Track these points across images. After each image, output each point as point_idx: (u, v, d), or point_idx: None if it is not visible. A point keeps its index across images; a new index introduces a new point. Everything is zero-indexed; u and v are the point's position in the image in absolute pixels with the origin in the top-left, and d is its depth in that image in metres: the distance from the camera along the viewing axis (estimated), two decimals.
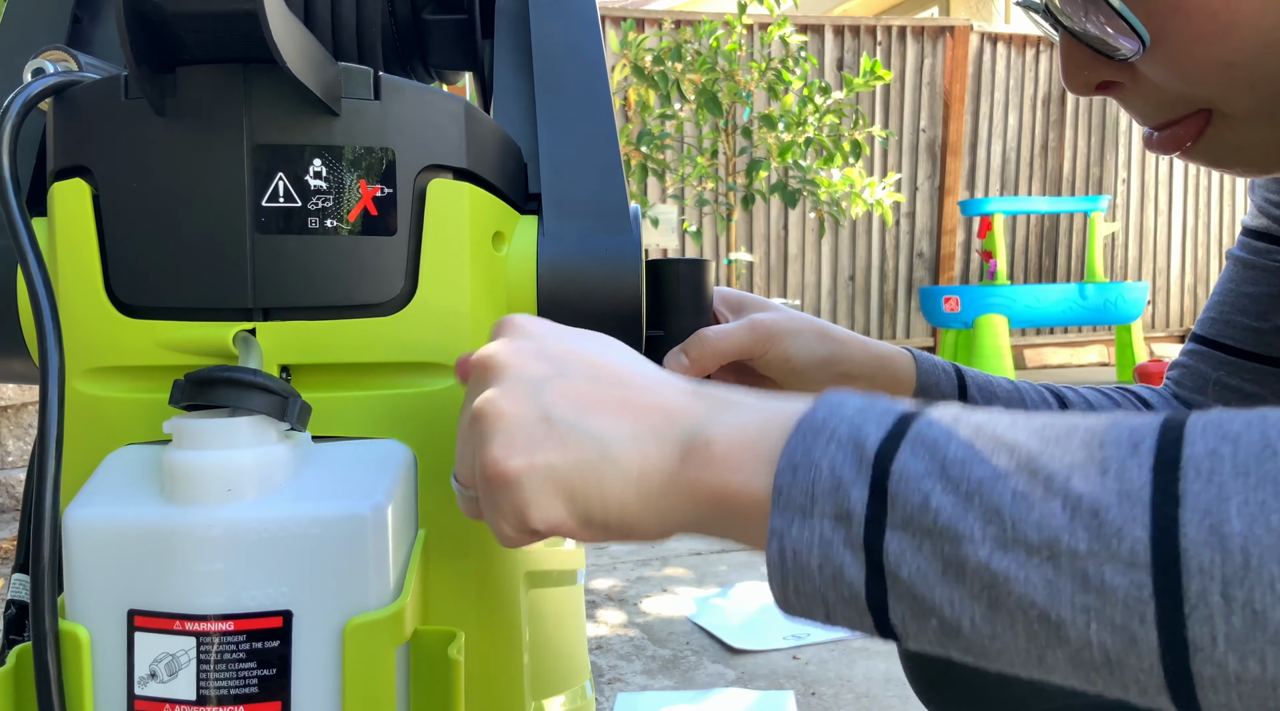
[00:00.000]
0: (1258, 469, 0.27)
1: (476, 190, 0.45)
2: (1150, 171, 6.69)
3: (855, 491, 0.32)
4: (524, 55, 0.54)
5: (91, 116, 0.43)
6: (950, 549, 0.30)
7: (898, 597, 0.31)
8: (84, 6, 0.54)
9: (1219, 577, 0.27)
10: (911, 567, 0.31)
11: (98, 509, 0.38)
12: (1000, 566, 0.29)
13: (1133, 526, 0.28)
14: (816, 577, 0.33)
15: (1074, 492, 0.29)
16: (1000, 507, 0.30)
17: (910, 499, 0.31)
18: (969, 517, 0.30)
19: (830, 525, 0.32)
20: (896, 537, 0.31)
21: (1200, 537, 0.27)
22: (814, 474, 0.33)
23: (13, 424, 2.93)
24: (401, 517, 0.41)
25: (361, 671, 0.38)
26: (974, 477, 0.30)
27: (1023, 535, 0.29)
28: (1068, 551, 0.29)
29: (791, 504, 0.33)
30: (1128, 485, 0.29)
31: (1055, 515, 0.29)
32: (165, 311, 0.42)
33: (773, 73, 4.30)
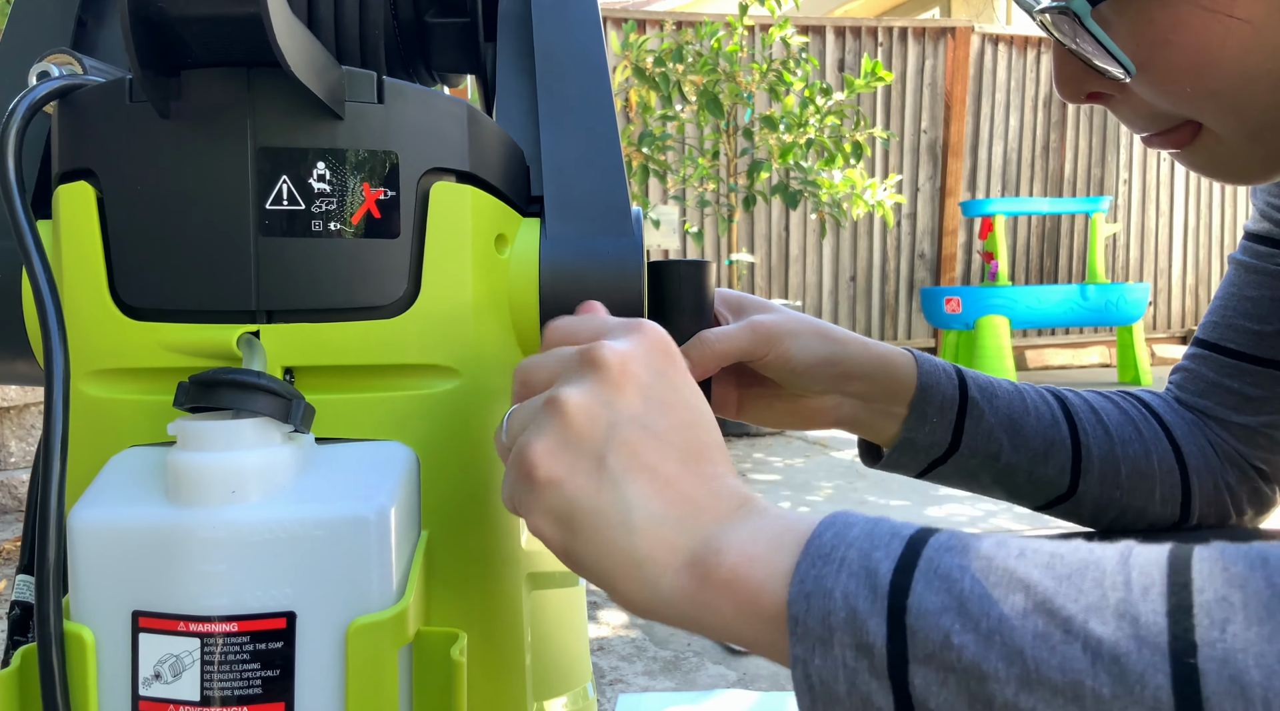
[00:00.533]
0: (1269, 618, 0.28)
1: (479, 193, 0.46)
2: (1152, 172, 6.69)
3: (873, 624, 0.32)
4: (526, 58, 0.54)
5: (96, 119, 0.43)
6: (976, 686, 0.31)
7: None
8: (89, 10, 0.55)
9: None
10: (939, 700, 0.31)
11: (102, 510, 0.39)
12: (1027, 705, 0.30)
13: (1154, 675, 0.29)
14: (846, 702, 0.33)
15: (1093, 637, 0.30)
16: (1022, 649, 0.30)
17: (931, 636, 0.32)
18: (991, 656, 0.31)
19: (853, 655, 0.33)
20: (921, 671, 0.32)
21: (1221, 688, 0.28)
22: (828, 604, 0.33)
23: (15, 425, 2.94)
24: (404, 519, 0.41)
25: (365, 672, 0.38)
26: (993, 616, 0.31)
27: (1046, 677, 0.30)
28: (1092, 695, 0.29)
29: (810, 633, 0.33)
30: (1144, 631, 0.29)
31: (1077, 658, 0.30)
32: (169, 314, 0.42)
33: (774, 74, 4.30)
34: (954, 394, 0.65)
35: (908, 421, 0.64)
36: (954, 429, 0.65)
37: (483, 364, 0.46)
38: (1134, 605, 0.30)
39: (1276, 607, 0.28)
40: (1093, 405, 0.70)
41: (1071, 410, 0.68)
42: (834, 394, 0.64)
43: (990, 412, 0.66)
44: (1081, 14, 0.43)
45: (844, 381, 0.63)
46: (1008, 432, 0.66)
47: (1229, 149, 0.49)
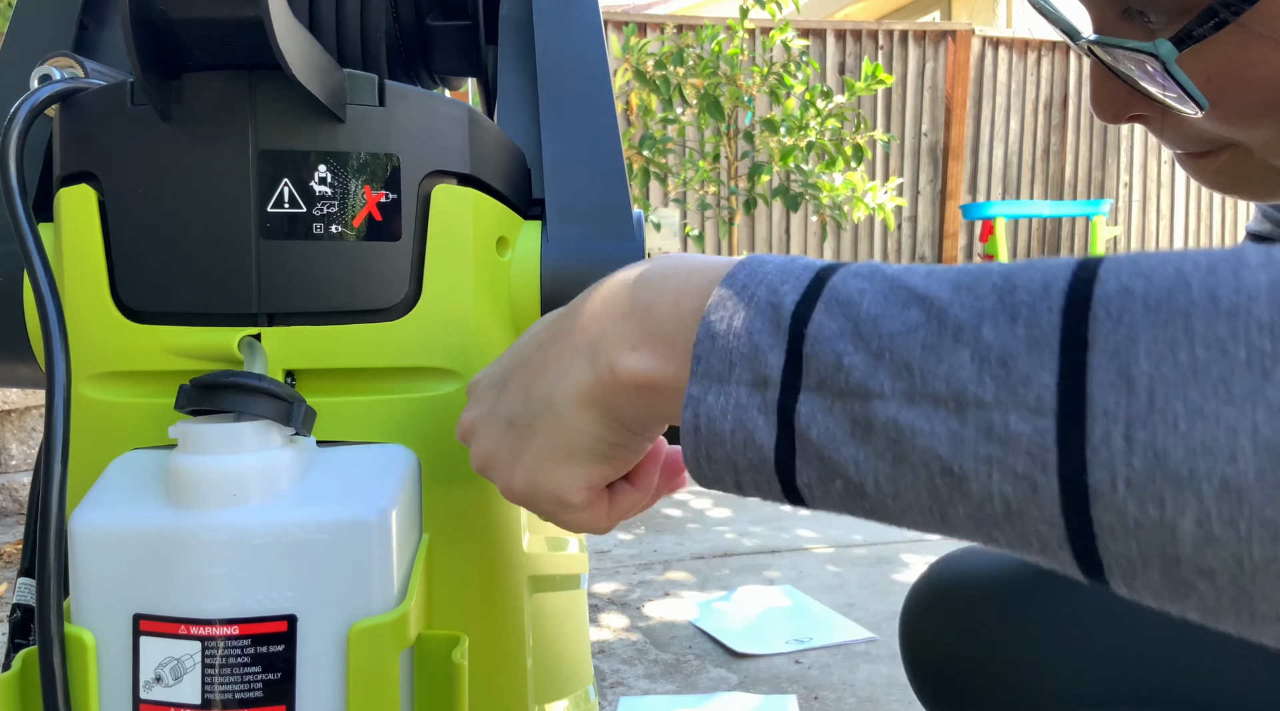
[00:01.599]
0: (1168, 303, 0.26)
1: (480, 196, 0.46)
2: (1152, 175, 6.69)
3: (772, 356, 0.32)
4: (528, 61, 0.54)
5: (98, 123, 0.43)
6: (860, 407, 0.30)
7: (805, 460, 0.31)
8: (90, 13, 0.55)
9: (1123, 419, 0.26)
10: (820, 428, 0.31)
11: (104, 513, 0.39)
12: (907, 421, 0.29)
13: (1040, 373, 0.27)
14: (728, 443, 0.32)
15: (984, 341, 0.28)
16: (910, 362, 0.29)
17: (824, 360, 0.31)
18: (879, 374, 0.30)
19: (746, 391, 0.32)
20: (809, 400, 0.31)
21: (1107, 380, 0.26)
22: (731, 341, 0.33)
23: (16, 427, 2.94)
24: (406, 522, 0.41)
25: (366, 675, 0.38)
26: (885, 333, 0.30)
27: (930, 388, 0.29)
28: (974, 402, 0.28)
29: (710, 372, 0.33)
30: (1037, 331, 0.28)
31: (964, 366, 0.28)
32: (171, 316, 0.42)
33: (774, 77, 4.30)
34: None
35: None
36: None
37: (483, 366, 0.46)
38: (1032, 306, 0.28)
39: (1180, 292, 0.26)
40: None
41: None
42: None
43: None
44: (1167, 59, 0.42)
45: None
46: None
47: (1256, 169, 0.49)
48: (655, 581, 2.07)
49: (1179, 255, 0.27)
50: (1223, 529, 0.25)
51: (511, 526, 0.48)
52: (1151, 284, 0.27)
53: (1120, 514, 0.26)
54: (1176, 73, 0.42)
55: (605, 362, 0.36)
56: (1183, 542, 0.25)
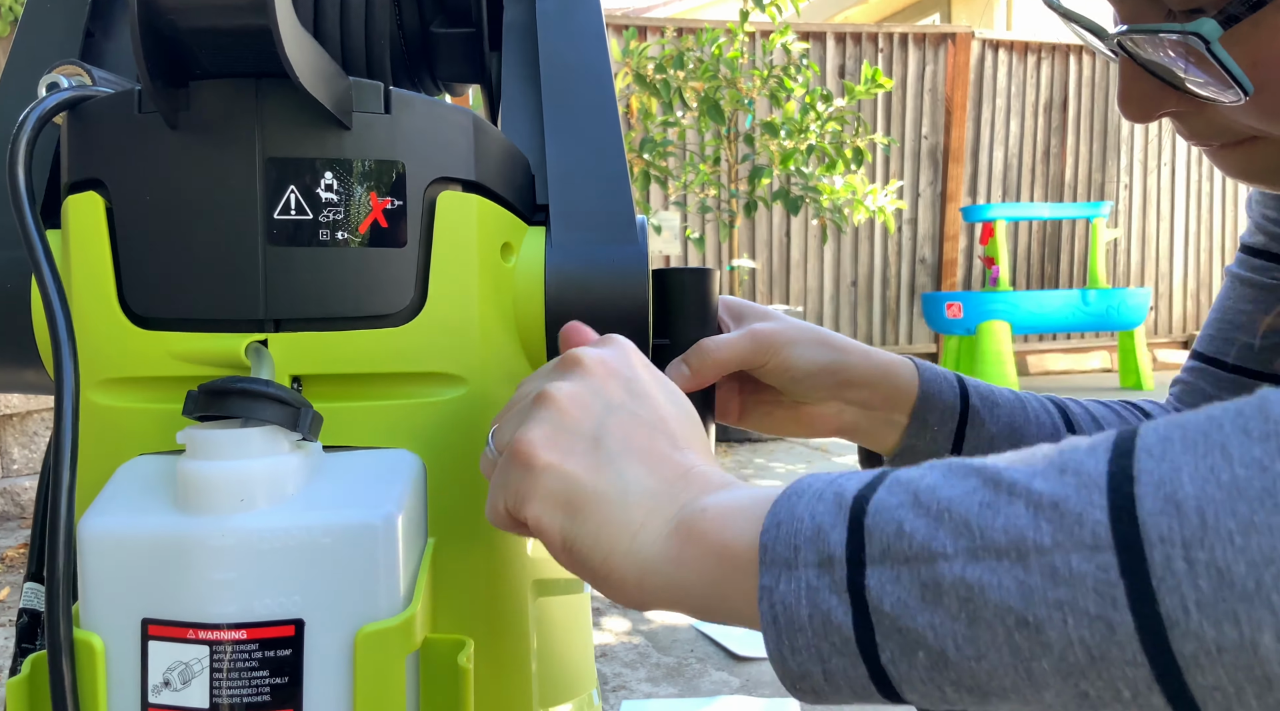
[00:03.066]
0: (1204, 441, 0.28)
1: (485, 202, 0.46)
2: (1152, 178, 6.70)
3: (835, 534, 0.33)
4: (532, 68, 0.54)
5: (105, 130, 0.43)
6: (926, 571, 0.30)
7: (884, 635, 0.31)
8: (96, 20, 0.55)
9: (1179, 542, 0.26)
10: (893, 599, 0.31)
11: (112, 518, 0.39)
12: (974, 576, 0.29)
13: (1092, 510, 0.28)
14: (808, 629, 0.33)
15: (1035, 492, 0.30)
16: (968, 520, 0.30)
17: (885, 529, 0.32)
18: (940, 535, 0.30)
19: (815, 573, 0.33)
20: (876, 572, 0.31)
21: (1156, 508, 0.27)
22: (796, 526, 0.34)
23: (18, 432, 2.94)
24: (412, 527, 0.41)
25: (373, 679, 0.38)
26: (943, 498, 0.31)
27: (991, 541, 0.30)
28: (1034, 547, 0.29)
29: (777, 559, 0.33)
30: (1085, 478, 0.29)
31: (1020, 516, 0.29)
32: (178, 323, 0.42)
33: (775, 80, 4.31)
34: (955, 402, 0.65)
35: (909, 429, 0.65)
36: (955, 437, 0.65)
37: (488, 372, 0.46)
38: (1079, 462, 0.30)
39: (1213, 430, 0.28)
40: (1094, 415, 0.70)
41: (1073, 419, 0.69)
42: (835, 401, 0.64)
43: (991, 421, 0.66)
44: (1211, 38, 0.41)
45: (845, 389, 0.63)
46: (1009, 442, 0.66)
47: None
48: None
49: (1209, 407, 0.30)
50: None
51: None
52: (1187, 429, 0.29)
53: (1200, 639, 0.26)
54: (1220, 53, 0.41)
55: (679, 489, 0.38)
56: (1269, 661, 0.25)
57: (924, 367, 0.66)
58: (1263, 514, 0.26)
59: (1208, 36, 0.41)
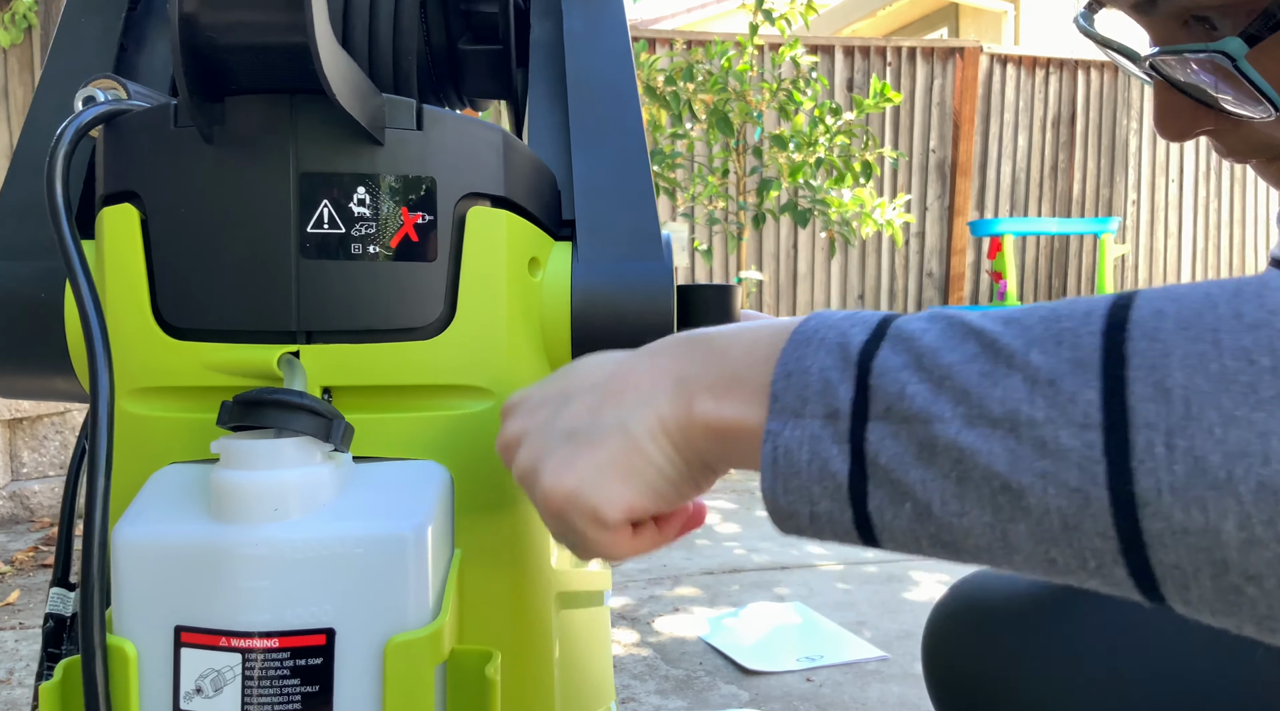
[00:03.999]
0: (1197, 321, 0.28)
1: (514, 217, 0.46)
2: (1160, 194, 6.70)
3: (842, 389, 0.34)
4: (558, 85, 0.55)
5: (141, 143, 0.44)
6: (923, 431, 0.32)
7: (877, 484, 0.33)
8: (130, 34, 0.56)
9: (1163, 429, 0.28)
10: (889, 453, 0.32)
11: (146, 526, 0.39)
12: (967, 442, 0.31)
13: (1085, 390, 0.29)
14: (804, 472, 0.34)
15: (1032, 365, 0.30)
16: (968, 388, 0.31)
17: (888, 389, 0.33)
18: (940, 400, 0.32)
19: (820, 424, 0.34)
20: (877, 427, 0.33)
21: (1146, 394, 0.28)
22: (805, 379, 0.35)
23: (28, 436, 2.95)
24: (440, 538, 0.42)
25: (402, 689, 0.38)
26: (944, 363, 0.32)
27: (988, 410, 0.31)
28: (1027, 420, 0.30)
29: (786, 408, 0.35)
30: (1080, 352, 0.30)
31: (1016, 388, 0.30)
32: (211, 334, 0.43)
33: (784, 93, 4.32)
34: None
35: None
36: None
37: (515, 385, 0.47)
38: (1075, 332, 0.30)
39: (1207, 311, 0.28)
40: None
41: None
42: None
43: None
44: (1237, 55, 0.42)
45: None
46: None
47: None
48: (665, 596, 2.07)
49: (1208, 283, 0.30)
50: (1263, 530, 0.26)
51: (541, 543, 0.49)
52: (1182, 306, 0.29)
53: (1168, 520, 0.27)
54: (1248, 70, 0.43)
55: (685, 400, 0.38)
56: (1228, 547, 0.27)
57: None
58: (1244, 409, 0.27)
59: (1233, 54, 0.42)
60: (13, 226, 0.50)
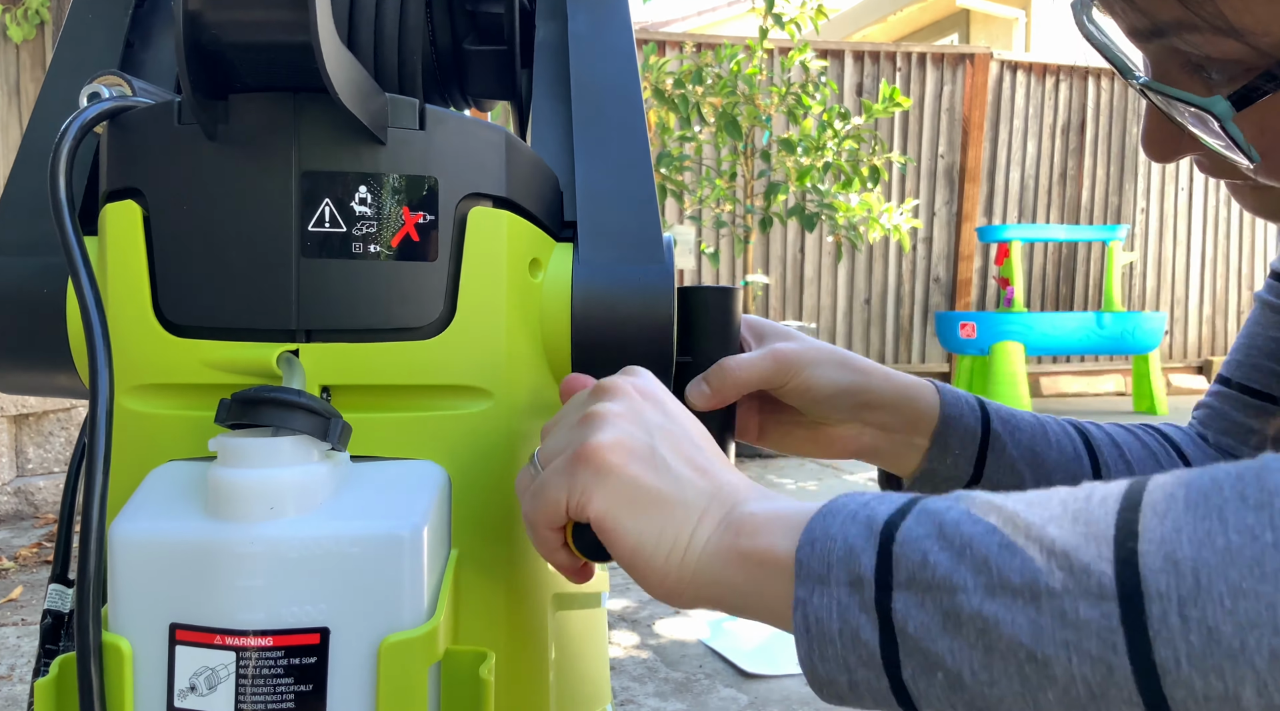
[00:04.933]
0: (1204, 503, 0.31)
1: (515, 218, 0.46)
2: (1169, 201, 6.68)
3: (865, 557, 0.35)
4: (562, 87, 0.55)
5: (145, 140, 0.44)
6: (947, 601, 0.33)
7: (908, 654, 0.34)
8: (136, 31, 0.56)
9: (1175, 600, 0.29)
10: (917, 622, 0.34)
11: (143, 523, 0.39)
12: (990, 612, 0.32)
13: (1099, 562, 0.31)
14: (837, 642, 0.35)
15: (1049, 537, 0.32)
16: (988, 558, 0.33)
17: (911, 558, 0.34)
18: (961, 569, 0.33)
19: (846, 592, 0.35)
20: (902, 596, 0.34)
21: (1157, 566, 0.30)
22: (830, 545, 0.36)
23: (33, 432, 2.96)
24: (436, 538, 0.42)
25: (396, 689, 0.38)
26: (965, 534, 0.34)
27: (1007, 580, 0.32)
28: (1046, 591, 0.32)
29: (811, 574, 0.36)
30: (1095, 528, 0.32)
31: (1034, 559, 0.32)
32: (211, 331, 0.43)
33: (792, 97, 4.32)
34: (976, 426, 0.65)
35: (930, 453, 0.65)
36: (976, 461, 0.65)
37: (515, 386, 0.46)
38: (1090, 512, 0.33)
39: (1214, 493, 0.31)
40: (1115, 439, 0.70)
41: (1094, 443, 0.68)
42: (855, 423, 0.64)
43: (1012, 445, 0.66)
44: (1224, 118, 0.44)
45: (865, 411, 0.63)
46: (1030, 466, 0.66)
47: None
48: None
49: (1214, 466, 0.32)
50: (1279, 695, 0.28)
51: None
52: (1190, 489, 0.32)
53: (1189, 688, 0.29)
54: (1231, 129, 0.44)
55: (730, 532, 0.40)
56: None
57: (945, 391, 0.66)
58: (1250, 581, 0.29)
59: (1220, 116, 0.43)
60: (16, 221, 0.51)
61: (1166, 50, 0.45)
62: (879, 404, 0.63)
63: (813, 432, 0.65)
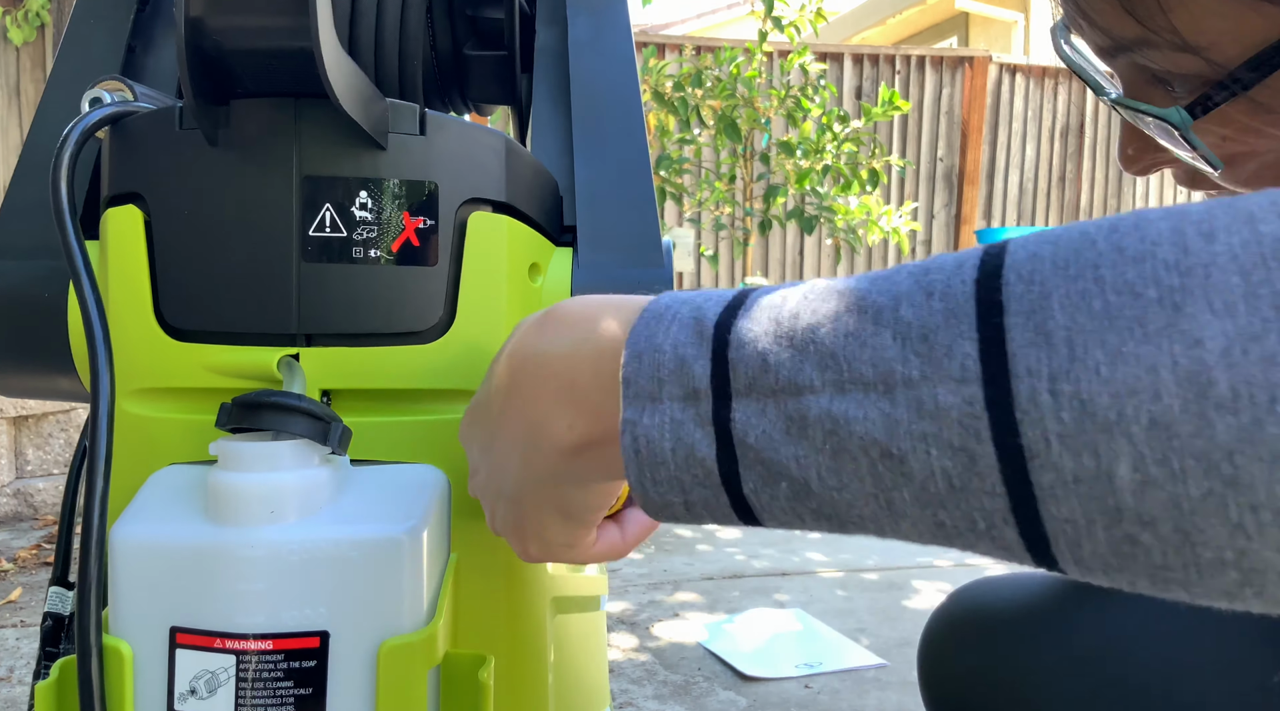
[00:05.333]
0: (1076, 260, 0.27)
1: (515, 223, 0.47)
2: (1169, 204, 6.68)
3: (698, 366, 0.32)
4: (562, 91, 0.55)
5: (146, 146, 0.44)
6: (792, 404, 0.30)
7: (747, 466, 0.31)
8: (138, 36, 0.56)
9: (1046, 375, 0.26)
10: (758, 432, 0.30)
11: (143, 527, 0.40)
12: (840, 410, 0.29)
13: (960, 342, 0.27)
14: (670, 462, 0.32)
15: (903, 320, 0.28)
16: (835, 351, 0.29)
17: (750, 362, 0.31)
18: (806, 368, 0.30)
19: (679, 407, 0.32)
20: (742, 405, 0.31)
21: (1025, 339, 0.26)
22: (658, 357, 0.33)
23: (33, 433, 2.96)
24: (436, 542, 0.42)
25: (395, 693, 0.38)
26: (806, 326, 0.30)
27: (858, 374, 0.29)
28: (902, 380, 0.28)
29: (641, 393, 0.33)
30: (953, 303, 0.28)
31: (887, 347, 0.28)
32: (212, 335, 0.43)
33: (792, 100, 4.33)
34: None
35: None
36: None
37: None
38: (946, 282, 0.28)
39: (1085, 248, 0.27)
40: None
41: None
42: None
43: None
44: (1183, 127, 0.44)
45: None
46: None
47: None
48: (664, 602, 2.07)
49: (1083, 222, 0.28)
50: (1157, 469, 0.25)
51: None
52: (1059, 247, 0.27)
53: (1058, 470, 0.26)
54: (1192, 138, 0.44)
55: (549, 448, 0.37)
56: (1122, 492, 0.25)
57: None
58: (1131, 344, 0.25)
59: (1179, 125, 0.44)
60: (18, 226, 0.51)
61: (1132, 67, 0.47)
62: None
63: None
